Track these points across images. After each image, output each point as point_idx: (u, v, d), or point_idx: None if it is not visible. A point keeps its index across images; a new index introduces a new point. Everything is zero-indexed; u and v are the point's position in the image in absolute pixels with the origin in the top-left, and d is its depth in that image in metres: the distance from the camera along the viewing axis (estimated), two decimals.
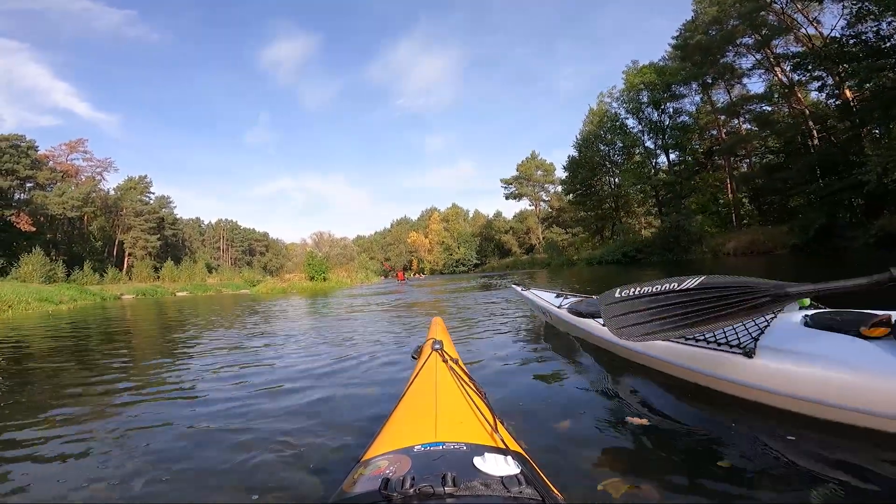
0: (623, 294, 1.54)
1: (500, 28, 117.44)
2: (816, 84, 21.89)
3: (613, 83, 36.50)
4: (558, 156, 76.04)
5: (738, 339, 1.60)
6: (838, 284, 1.35)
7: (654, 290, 1.51)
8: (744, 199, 27.85)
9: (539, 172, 57.24)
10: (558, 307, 3.12)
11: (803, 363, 1.43)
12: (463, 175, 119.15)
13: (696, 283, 1.46)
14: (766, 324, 1.58)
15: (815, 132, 22.19)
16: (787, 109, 24.94)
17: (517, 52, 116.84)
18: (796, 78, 22.92)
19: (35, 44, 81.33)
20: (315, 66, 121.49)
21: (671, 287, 1.48)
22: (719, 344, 1.63)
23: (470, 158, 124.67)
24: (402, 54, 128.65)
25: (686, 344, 1.74)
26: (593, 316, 2.45)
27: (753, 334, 1.57)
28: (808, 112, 22.47)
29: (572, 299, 3.06)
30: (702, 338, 1.68)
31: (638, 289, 1.54)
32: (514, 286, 4.49)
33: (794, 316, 1.65)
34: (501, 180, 58.51)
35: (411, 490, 0.65)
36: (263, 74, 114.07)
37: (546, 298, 3.45)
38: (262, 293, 21.18)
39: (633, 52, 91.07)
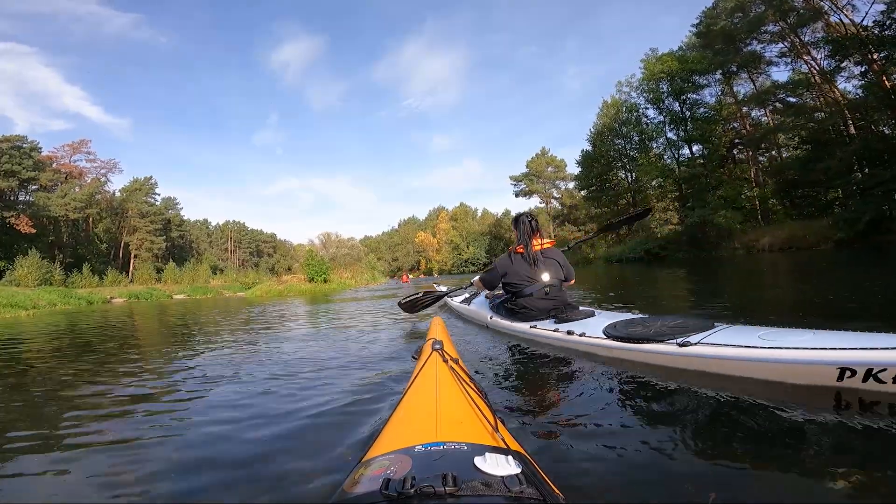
0: (404, 301, 4.68)
1: (506, 28, 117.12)
2: (858, 70, 20.97)
3: (622, 79, 34.36)
4: (566, 154, 74.87)
5: (468, 299, 4.45)
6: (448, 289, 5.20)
7: (412, 297, 4.69)
8: (766, 192, 25.65)
9: (550, 169, 55.46)
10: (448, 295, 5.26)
11: (472, 305, 4.23)
12: (470, 174, 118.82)
13: (422, 293, 4.79)
14: (474, 296, 4.33)
15: (850, 121, 21.19)
16: (813, 99, 24.21)
17: (523, 52, 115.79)
18: (828, 66, 22.07)
19: (44, 47, 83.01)
20: (322, 67, 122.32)
21: (416, 294, 4.77)
22: (469, 302, 4.38)
23: (477, 157, 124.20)
24: (408, 55, 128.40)
25: (464, 304, 4.49)
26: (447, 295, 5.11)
27: (466, 296, 4.61)
28: (843, 101, 21.49)
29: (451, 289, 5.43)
30: (462, 301, 4.63)
31: (407, 297, 4.66)
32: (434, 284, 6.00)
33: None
34: (511, 177, 57.02)
35: (412, 490, 0.65)
36: (271, 76, 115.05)
37: (441, 290, 5.49)
38: (256, 297, 19.50)
39: (639, 51, 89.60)
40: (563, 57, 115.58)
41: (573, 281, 3.19)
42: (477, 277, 3.64)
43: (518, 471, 0.74)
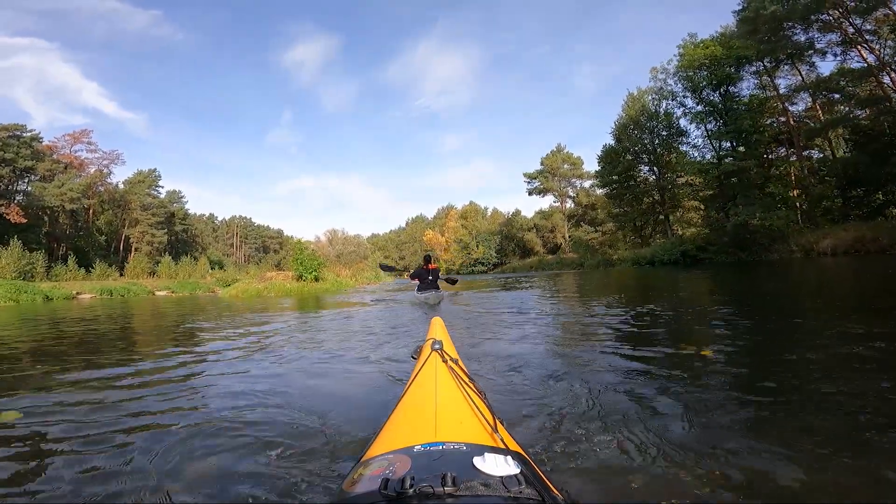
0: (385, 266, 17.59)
1: (518, 27, 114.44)
2: None
3: (635, 81, 32.31)
4: (581, 154, 70.56)
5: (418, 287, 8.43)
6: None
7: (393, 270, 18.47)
8: (824, 190, 22.31)
9: (566, 166, 52.32)
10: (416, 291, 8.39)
11: (416, 290, 8.29)
12: (481, 174, 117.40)
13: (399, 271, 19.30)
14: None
15: None
16: (873, 90, 21.76)
17: (535, 51, 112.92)
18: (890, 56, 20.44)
19: (64, 43, 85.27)
20: (335, 67, 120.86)
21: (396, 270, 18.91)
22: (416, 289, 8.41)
23: (489, 157, 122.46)
24: (421, 54, 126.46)
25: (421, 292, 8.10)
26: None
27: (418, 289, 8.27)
28: None
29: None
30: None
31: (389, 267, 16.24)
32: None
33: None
34: (524, 174, 55.04)
35: (411, 490, 0.66)
36: (286, 75, 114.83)
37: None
38: (230, 296, 16.56)
39: (653, 50, 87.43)
40: (576, 56, 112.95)
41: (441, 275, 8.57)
42: (411, 274, 8.62)
43: (517, 471, 0.73)
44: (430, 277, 8.02)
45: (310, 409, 1.96)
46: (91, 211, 47.00)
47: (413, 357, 1.67)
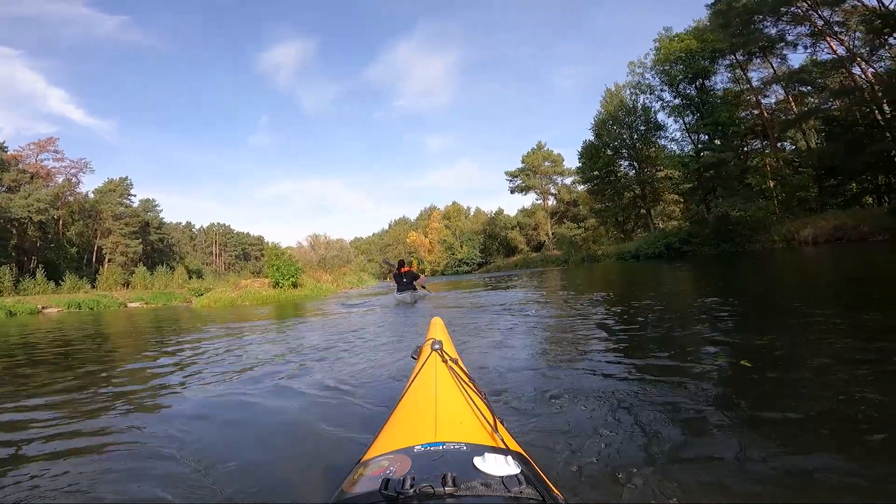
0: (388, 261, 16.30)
1: (501, 29, 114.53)
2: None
3: (634, 60, 31.35)
4: (563, 153, 71.20)
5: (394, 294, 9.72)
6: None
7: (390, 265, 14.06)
8: (801, 181, 22.67)
9: (547, 163, 52.41)
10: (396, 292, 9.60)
11: (397, 291, 9.49)
12: (464, 175, 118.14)
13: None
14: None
15: (885, 104, 20.19)
16: (844, 81, 22.37)
17: (518, 53, 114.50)
18: (861, 47, 20.96)
19: (29, 50, 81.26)
20: (315, 69, 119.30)
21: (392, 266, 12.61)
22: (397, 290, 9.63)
23: (470, 158, 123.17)
24: (402, 56, 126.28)
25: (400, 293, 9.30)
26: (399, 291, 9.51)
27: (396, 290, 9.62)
28: (874, 82, 20.29)
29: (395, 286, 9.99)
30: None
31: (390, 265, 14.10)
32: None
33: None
34: (506, 173, 55.27)
35: (411, 490, 0.66)
36: (263, 78, 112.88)
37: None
38: (202, 306, 15.76)
39: (636, 52, 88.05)
40: (559, 58, 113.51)
41: (421, 279, 9.62)
42: (393, 275, 9.87)
43: (517, 471, 0.73)
44: (405, 280, 9.11)
45: (310, 410, 1.94)
46: (61, 222, 45.24)
47: (413, 357, 1.68)
